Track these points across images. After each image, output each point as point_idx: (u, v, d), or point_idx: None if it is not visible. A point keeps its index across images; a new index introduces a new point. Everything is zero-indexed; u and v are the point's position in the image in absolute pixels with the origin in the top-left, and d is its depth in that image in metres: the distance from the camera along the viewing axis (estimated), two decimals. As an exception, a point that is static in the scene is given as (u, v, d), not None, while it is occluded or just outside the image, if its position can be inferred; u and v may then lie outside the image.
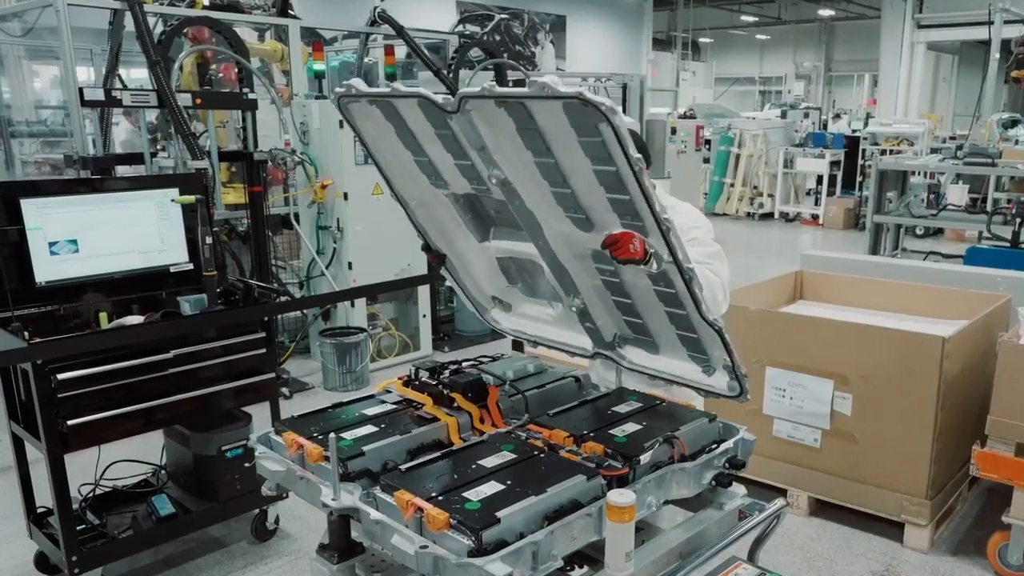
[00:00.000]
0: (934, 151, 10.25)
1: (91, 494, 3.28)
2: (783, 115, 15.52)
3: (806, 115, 16.08)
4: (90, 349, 2.81)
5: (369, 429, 2.03)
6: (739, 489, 2.06)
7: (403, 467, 1.84)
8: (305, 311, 5.81)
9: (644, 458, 1.83)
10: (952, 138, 13.06)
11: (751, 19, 25.01)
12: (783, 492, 3.71)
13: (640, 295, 1.93)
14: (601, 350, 2.25)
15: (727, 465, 2.01)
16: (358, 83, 2.04)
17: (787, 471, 3.74)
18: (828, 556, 3.44)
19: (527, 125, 1.69)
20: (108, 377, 2.85)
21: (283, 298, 3.48)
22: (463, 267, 2.45)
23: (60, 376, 2.72)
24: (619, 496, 1.59)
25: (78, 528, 3.01)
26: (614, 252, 1.81)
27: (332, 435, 1.80)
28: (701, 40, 26.11)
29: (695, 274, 1.75)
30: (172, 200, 3.25)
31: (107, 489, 3.36)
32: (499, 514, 1.57)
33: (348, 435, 1.98)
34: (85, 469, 3.27)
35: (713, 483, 1.99)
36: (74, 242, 3.07)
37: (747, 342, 3.74)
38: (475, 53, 6.99)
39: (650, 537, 1.95)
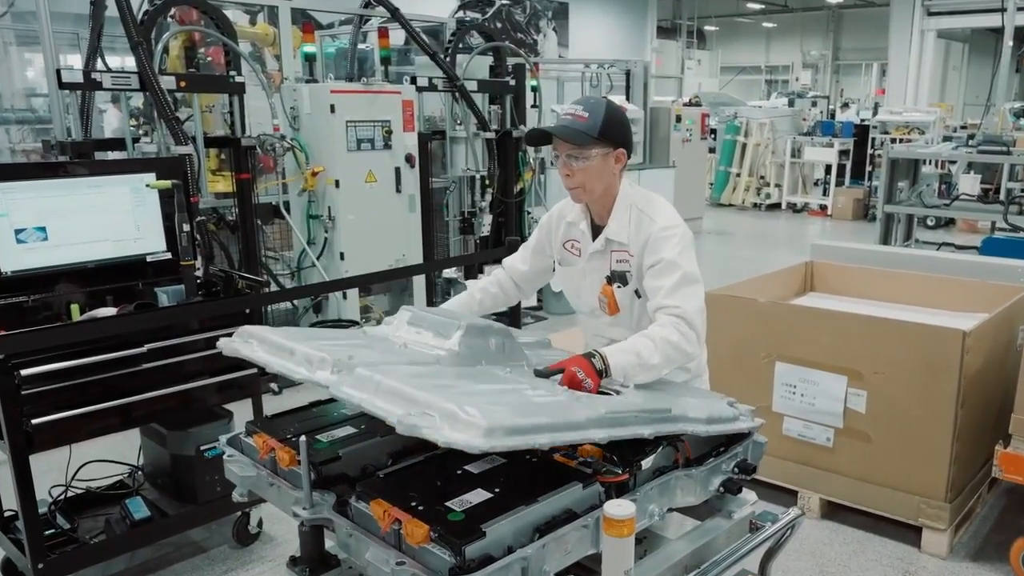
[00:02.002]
0: (946, 139, 10.04)
1: (62, 496, 3.13)
2: (790, 104, 15.31)
3: (814, 104, 15.87)
4: (57, 343, 2.65)
5: (348, 430, 1.91)
6: (749, 496, 1.95)
7: (382, 473, 1.71)
8: (296, 303, 5.65)
9: (646, 463, 1.71)
10: (963, 127, 12.83)
11: (757, 7, 24.70)
12: (793, 494, 3.57)
13: None
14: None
15: (736, 470, 1.90)
16: (254, 334, 1.90)
17: (798, 472, 3.58)
18: (842, 562, 3.28)
19: None
20: (77, 373, 2.69)
21: (268, 289, 3.32)
22: None
23: (24, 372, 2.56)
24: (617, 508, 1.47)
25: (47, 533, 2.87)
26: (572, 388, 1.78)
27: (303, 438, 1.66)
28: (706, 28, 25.87)
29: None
30: (147, 185, 3.09)
31: (80, 491, 3.21)
32: (485, 527, 1.43)
33: (324, 437, 1.87)
34: (60, 469, 3.12)
35: (721, 489, 1.88)
36: (43, 229, 2.90)
37: (756, 336, 3.60)
38: (476, 40, 6.81)
39: (653, 548, 1.83)
